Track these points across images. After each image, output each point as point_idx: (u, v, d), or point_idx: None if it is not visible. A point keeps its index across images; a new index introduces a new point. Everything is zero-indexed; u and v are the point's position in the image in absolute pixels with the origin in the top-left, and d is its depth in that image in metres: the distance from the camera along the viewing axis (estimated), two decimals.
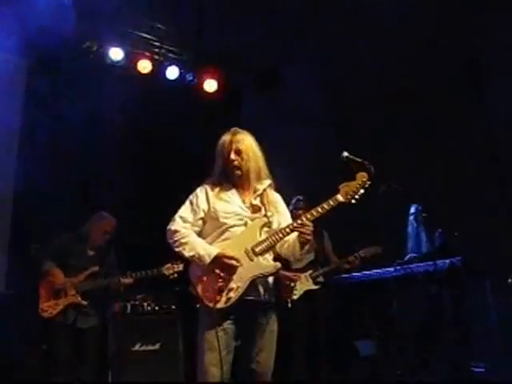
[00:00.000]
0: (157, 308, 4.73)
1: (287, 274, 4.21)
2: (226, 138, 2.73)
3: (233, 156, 2.67)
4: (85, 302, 3.87)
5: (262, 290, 2.61)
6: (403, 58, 5.44)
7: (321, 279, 4.46)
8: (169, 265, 3.90)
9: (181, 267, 3.85)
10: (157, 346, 4.52)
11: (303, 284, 4.37)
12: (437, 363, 4.29)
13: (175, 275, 3.90)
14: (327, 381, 4.36)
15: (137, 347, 4.47)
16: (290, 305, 4.19)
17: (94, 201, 4.88)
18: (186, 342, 4.65)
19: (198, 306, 4.69)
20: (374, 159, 2.73)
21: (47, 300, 3.86)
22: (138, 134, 5.64)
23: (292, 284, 4.27)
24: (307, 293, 4.37)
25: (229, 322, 2.53)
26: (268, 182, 2.75)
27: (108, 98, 5.19)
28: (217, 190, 2.70)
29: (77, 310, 3.88)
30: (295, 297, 4.28)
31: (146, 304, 4.72)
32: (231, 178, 2.71)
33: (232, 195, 2.69)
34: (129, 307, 4.66)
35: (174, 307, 4.79)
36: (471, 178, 4.94)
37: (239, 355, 2.56)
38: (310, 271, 4.42)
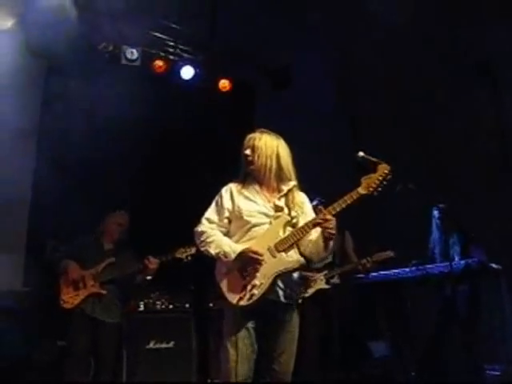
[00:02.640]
0: (170, 306, 4.75)
1: (306, 273, 4.24)
2: (246, 138, 2.80)
3: (247, 151, 2.73)
4: (104, 291, 3.97)
5: (282, 291, 2.62)
6: (417, 56, 5.41)
7: (336, 280, 4.46)
8: (181, 249, 4.04)
9: (193, 250, 3.98)
10: (170, 345, 4.54)
11: (317, 283, 4.40)
12: (451, 365, 4.26)
13: (189, 258, 4.01)
14: (340, 381, 4.35)
15: (151, 345, 4.49)
16: (300, 301, 4.23)
17: (110, 200, 4.92)
18: (200, 341, 4.67)
19: (211, 304, 4.79)
20: (388, 158, 2.73)
21: (68, 292, 3.96)
22: (153, 134, 5.66)
23: (307, 283, 4.31)
24: (319, 292, 4.38)
25: (252, 320, 2.55)
26: (293, 183, 2.76)
27: (123, 98, 5.23)
28: (242, 189, 2.73)
29: (97, 300, 3.96)
30: (307, 295, 4.31)
31: (159, 302, 4.74)
32: (254, 176, 2.74)
33: (257, 194, 2.72)
34: (142, 305, 4.70)
35: (187, 306, 4.81)
36: (485, 181, 4.90)
37: (260, 354, 2.57)
38: (326, 271, 4.44)
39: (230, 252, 2.56)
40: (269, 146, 2.73)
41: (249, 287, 2.51)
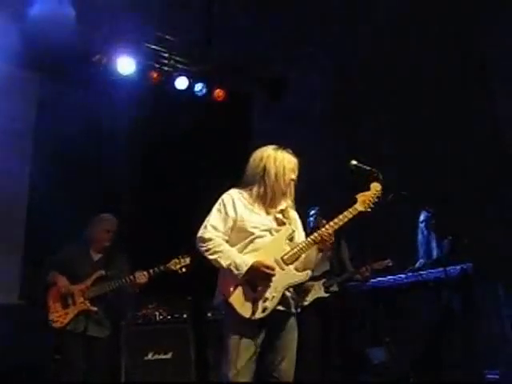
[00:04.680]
0: (169, 317, 4.74)
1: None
2: (290, 156, 2.75)
3: (294, 177, 2.74)
4: (94, 308, 3.81)
5: (290, 300, 2.67)
6: (413, 61, 5.46)
7: (334, 288, 4.48)
8: (175, 260, 3.87)
9: (187, 260, 3.85)
10: (169, 355, 4.53)
11: (315, 291, 4.41)
12: (449, 370, 4.26)
13: (183, 269, 3.86)
14: None
15: (149, 356, 4.49)
16: (299, 309, 4.24)
17: (108, 209, 4.94)
18: (198, 351, 4.67)
19: (209, 315, 4.79)
20: (384, 165, 2.79)
21: (56, 310, 3.81)
22: (148, 144, 5.70)
23: (305, 291, 4.33)
24: (318, 300, 4.40)
25: (257, 331, 2.55)
26: (290, 201, 2.79)
27: (118, 109, 5.27)
28: (243, 199, 2.72)
29: (87, 317, 3.80)
30: (306, 303, 4.33)
31: (157, 313, 4.73)
32: (280, 187, 2.71)
33: (257, 206, 2.71)
34: (140, 316, 4.69)
35: (185, 316, 4.80)
36: (481, 183, 4.93)
37: (260, 363, 2.58)
38: (324, 280, 4.45)
39: (241, 264, 2.53)
40: None
41: (260, 300, 2.51)
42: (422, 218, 4.75)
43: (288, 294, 2.65)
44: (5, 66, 4.81)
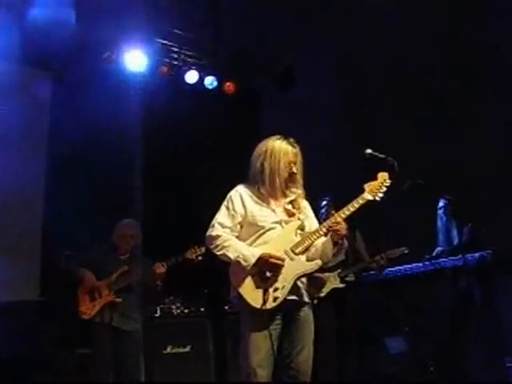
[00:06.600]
0: (186, 311, 4.79)
1: (318, 274, 4.23)
2: (287, 147, 2.72)
3: (295, 169, 2.72)
4: (119, 299, 3.99)
5: (302, 290, 2.66)
6: (421, 55, 5.40)
7: (351, 278, 4.46)
8: (191, 249, 4.03)
9: (203, 250, 3.97)
10: (187, 349, 4.57)
11: (331, 282, 4.40)
12: (470, 359, 4.23)
13: (199, 258, 4.00)
14: (357, 380, 4.35)
15: (168, 350, 4.53)
16: (315, 301, 4.24)
17: (123, 206, 4.97)
18: (216, 344, 4.69)
19: (226, 308, 4.81)
20: (393, 155, 2.77)
21: (85, 303, 4.02)
22: (160, 138, 5.71)
23: (321, 283, 4.32)
24: (334, 291, 4.38)
25: (274, 322, 2.56)
26: (300, 191, 2.78)
27: (129, 104, 5.29)
28: (251, 193, 2.73)
29: (113, 309, 3.98)
30: (322, 294, 4.32)
31: (175, 307, 4.78)
32: (268, 181, 2.71)
33: (266, 199, 2.72)
34: (158, 310, 4.73)
35: (202, 309, 4.84)
36: (500, 169, 4.86)
37: (278, 355, 2.58)
38: (339, 270, 4.43)
39: (249, 256, 2.55)
40: None
41: (271, 290, 2.52)
42: (440, 204, 4.70)
43: (300, 284, 2.65)
44: (16, 67, 4.85)
